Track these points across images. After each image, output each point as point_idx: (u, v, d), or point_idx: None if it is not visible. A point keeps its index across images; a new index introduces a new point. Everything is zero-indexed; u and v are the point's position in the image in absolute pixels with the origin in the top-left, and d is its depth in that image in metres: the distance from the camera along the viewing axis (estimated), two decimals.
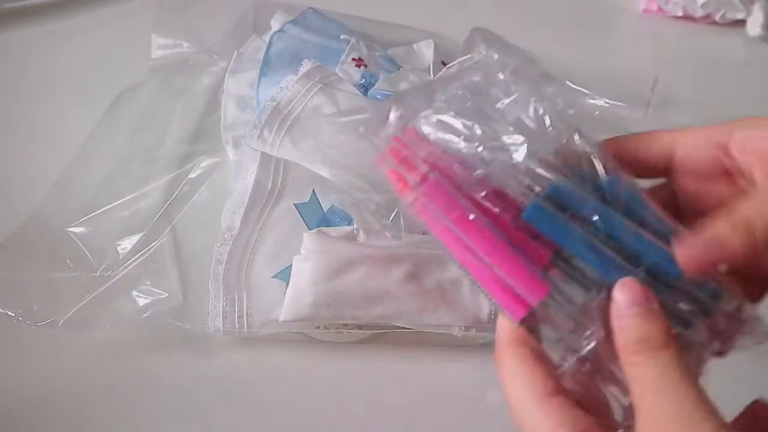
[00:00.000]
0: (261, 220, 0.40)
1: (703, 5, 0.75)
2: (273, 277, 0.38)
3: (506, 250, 0.25)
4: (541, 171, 0.26)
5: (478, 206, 0.26)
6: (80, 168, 0.47)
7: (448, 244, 0.27)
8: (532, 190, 0.26)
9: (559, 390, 0.24)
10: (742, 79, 0.69)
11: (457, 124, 0.27)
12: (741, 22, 0.75)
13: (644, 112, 0.56)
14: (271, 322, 0.37)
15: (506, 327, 0.26)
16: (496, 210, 0.26)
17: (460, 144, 0.26)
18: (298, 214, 0.40)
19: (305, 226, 0.40)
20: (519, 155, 0.26)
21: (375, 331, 0.38)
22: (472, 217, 0.25)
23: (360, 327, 0.38)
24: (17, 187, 0.48)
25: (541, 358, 0.25)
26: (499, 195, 0.26)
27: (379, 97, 0.49)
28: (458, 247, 0.26)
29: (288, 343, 0.38)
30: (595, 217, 0.25)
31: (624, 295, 0.24)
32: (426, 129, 0.27)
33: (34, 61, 0.63)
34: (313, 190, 0.41)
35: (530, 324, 0.25)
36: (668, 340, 0.22)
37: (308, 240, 0.38)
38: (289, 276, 0.37)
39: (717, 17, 0.75)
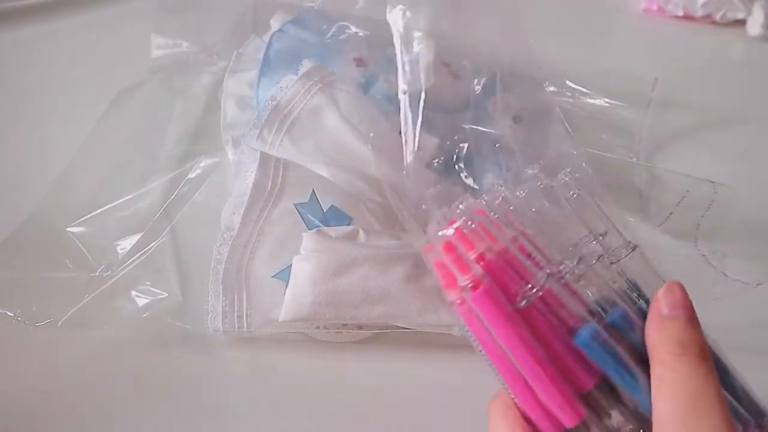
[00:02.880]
0: (261, 220, 0.40)
1: (704, 5, 0.75)
2: (273, 276, 0.38)
3: (547, 372, 0.25)
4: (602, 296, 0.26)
5: (526, 318, 0.25)
6: (80, 168, 0.47)
7: (487, 351, 0.26)
8: (593, 313, 0.25)
9: None
10: (742, 79, 0.68)
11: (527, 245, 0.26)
12: (741, 22, 0.75)
13: (644, 112, 0.56)
14: (270, 321, 0.37)
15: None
16: (546, 325, 0.25)
17: (525, 261, 0.26)
18: (298, 214, 0.40)
19: (305, 226, 0.40)
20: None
21: (375, 331, 0.38)
22: (518, 333, 0.25)
23: (360, 327, 0.38)
24: (17, 187, 0.48)
25: (528, 424, 0.25)
26: (552, 310, 0.25)
27: (379, 97, 0.49)
28: (497, 356, 0.26)
29: (288, 343, 0.38)
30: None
31: (669, 297, 0.24)
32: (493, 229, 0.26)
33: (34, 61, 0.63)
34: (313, 190, 0.41)
35: None
36: (708, 354, 0.23)
37: (308, 240, 0.38)
38: (289, 276, 0.37)
39: (717, 17, 0.75)
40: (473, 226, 0.26)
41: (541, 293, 0.25)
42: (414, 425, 0.35)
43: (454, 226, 0.26)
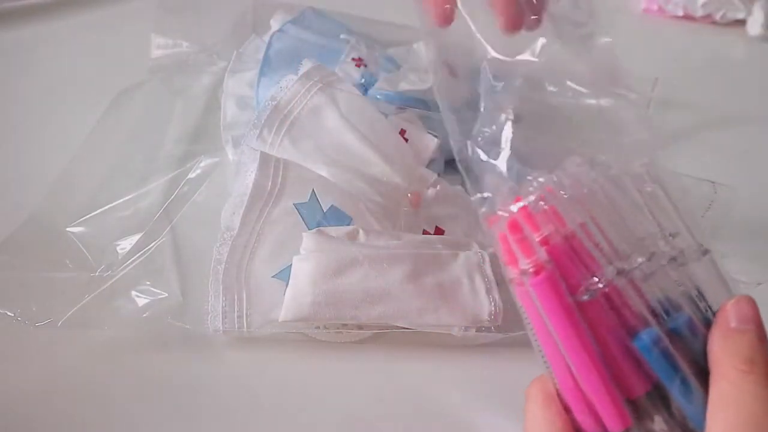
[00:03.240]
0: (261, 219, 0.40)
1: (704, 5, 0.75)
2: (273, 276, 0.38)
3: (600, 372, 0.23)
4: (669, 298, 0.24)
5: (584, 313, 0.24)
6: (80, 168, 0.47)
7: (540, 336, 0.25)
8: (656, 316, 0.24)
9: None
10: (742, 79, 0.69)
11: (597, 234, 0.24)
12: (741, 22, 0.75)
13: (644, 112, 0.56)
14: (270, 321, 0.37)
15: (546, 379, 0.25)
16: (605, 323, 0.24)
17: (594, 251, 0.24)
18: (298, 214, 0.40)
19: (305, 226, 0.40)
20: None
21: (375, 331, 0.38)
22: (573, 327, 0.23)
23: (360, 327, 0.38)
24: (17, 187, 0.48)
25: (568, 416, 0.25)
26: (614, 308, 0.24)
27: (378, 97, 0.49)
28: (549, 345, 0.24)
29: (288, 343, 0.38)
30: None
31: (739, 309, 0.23)
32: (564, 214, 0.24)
33: (34, 61, 0.63)
34: (313, 190, 0.41)
35: None
36: None
37: (308, 240, 0.38)
38: (289, 276, 0.37)
39: (717, 17, 0.75)
40: (545, 206, 0.24)
41: (606, 289, 0.24)
42: (414, 425, 0.35)
43: (522, 203, 0.25)
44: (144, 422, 0.35)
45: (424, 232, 0.43)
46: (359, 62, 0.52)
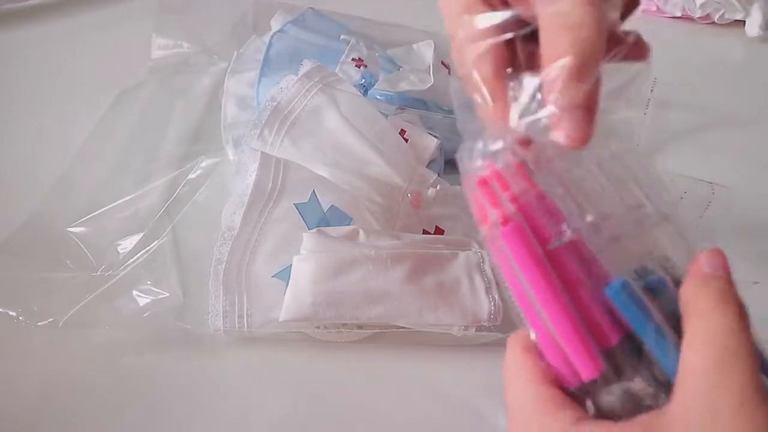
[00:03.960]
0: (261, 219, 0.40)
1: (702, 6, 0.75)
2: (273, 276, 0.38)
3: (570, 318, 0.24)
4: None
5: (557, 264, 0.24)
6: (80, 168, 0.47)
7: (514, 290, 0.25)
8: (634, 273, 0.24)
9: (555, 382, 0.24)
10: (741, 79, 0.69)
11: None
12: (740, 23, 0.75)
13: (644, 112, 0.56)
14: (271, 321, 0.37)
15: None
16: (576, 275, 0.24)
17: (569, 204, 0.25)
18: (298, 214, 0.40)
19: (305, 226, 0.40)
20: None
21: (375, 331, 0.38)
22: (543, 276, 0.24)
23: (360, 327, 0.38)
24: (17, 187, 0.48)
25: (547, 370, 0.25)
26: (585, 260, 0.24)
27: (378, 97, 0.49)
28: (523, 297, 0.25)
29: (288, 343, 0.39)
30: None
31: (712, 258, 0.24)
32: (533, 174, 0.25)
33: (34, 61, 0.63)
34: (313, 190, 0.41)
35: (579, 391, 0.25)
36: (747, 314, 0.22)
37: (308, 240, 0.38)
38: (290, 276, 0.37)
39: (716, 17, 0.76)
40: (512, 164, 0.25)
41: (574, 237, 0.24)
42: (414, 424, 0.35)
43: (493, 166, 0.25)
44: (144, 422, 0.35)
45: (424, 232, 0.43)
46: (359, 63, 0.52)
